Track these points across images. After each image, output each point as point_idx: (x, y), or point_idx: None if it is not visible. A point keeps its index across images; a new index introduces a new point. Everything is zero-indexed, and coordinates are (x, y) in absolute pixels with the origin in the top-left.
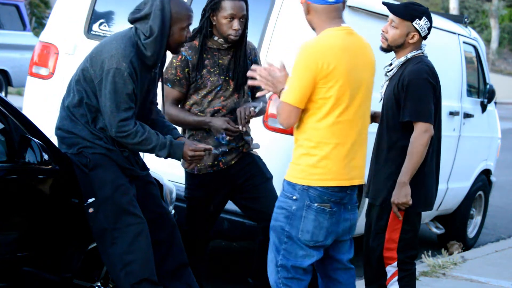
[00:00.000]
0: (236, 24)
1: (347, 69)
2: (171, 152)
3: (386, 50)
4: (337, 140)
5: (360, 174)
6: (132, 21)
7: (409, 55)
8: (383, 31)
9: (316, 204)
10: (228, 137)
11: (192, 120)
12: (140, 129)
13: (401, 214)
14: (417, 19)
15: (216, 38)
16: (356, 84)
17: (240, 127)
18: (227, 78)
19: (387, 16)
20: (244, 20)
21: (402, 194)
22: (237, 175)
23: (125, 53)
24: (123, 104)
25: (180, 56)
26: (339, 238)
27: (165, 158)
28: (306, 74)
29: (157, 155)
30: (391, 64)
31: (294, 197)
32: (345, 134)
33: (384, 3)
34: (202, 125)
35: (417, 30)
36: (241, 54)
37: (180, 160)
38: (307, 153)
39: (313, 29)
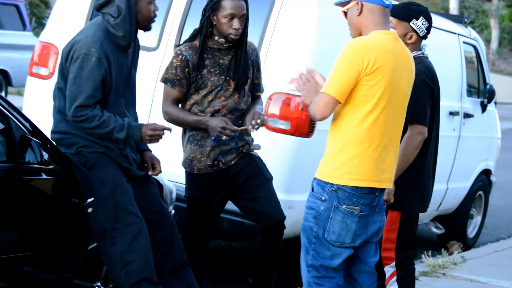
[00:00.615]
0: (236, 23)
1: (391, 71)
2: (129, 133)
3: None
4: (372, 140)
5: (389, 178)
6: (98, 8)
7: None
8: None
9: (344, 206)
10: (224, 136)
11: (191, 120)
12: (97, 113)
13: (394, 215)
14: (414, 19)
15: (216, 38)
16: (396, 88)
17: (250, 127)
18: (227, 78)
19: None
20: (244, 20)
21: (386, 191)
22: (237, 176)
23: (94, 38)
24: (86, 91)
25: (180, 56)
26: (368, 240)
27: (124, 140)
28: (352, 68)
29: (116, 138)
30: None
31: (323, 198)
32: (379, 135)
33: None
34: (200, 125)
35: (414, 30)
36: (242, 54)
37: (139, 141)
38: (340, 151)
39: (358, 34)
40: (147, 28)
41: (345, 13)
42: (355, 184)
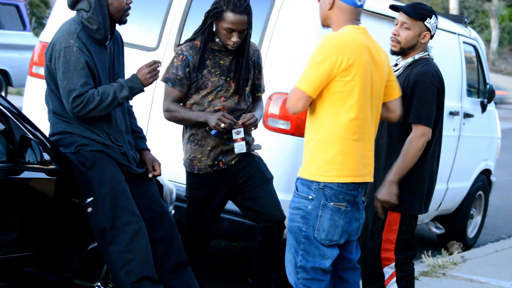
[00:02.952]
0: (235, 37)
1: (365, 66)
2: (130, 86)
3: (398, 53)
4: (353, 136)
5: (370, 172)
6: (71, 6)
7: (417, 57)
8: (394, 35)
9: (332, 203)
10: (223, 124)
11: (192, 115)
12: (93, 90)
13: (394, 216)
14: (428, 18)
15: (218, 40)
16: (372, 83)
17: (240, 122)
18: (228, 79)
19: (389, 16)
20: (245, 32)
21: (388, 192)
22: (237, 175)
23: (70, 31)
24: (78, 80)
25: (181, 56)
26: (350, 237)
27: (131, 96)
28: (325, 64)
29: (122, 99)
30: (396, 65)
31: (310, 197)
32: (359, 130)
33: (393, 6)
34: (200, 119)
35: (428, 29)
36: (243, 59)
37: (143, 91)
38: (323, 148)
39: (327, 25)
40: (121, 21)
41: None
42: (342, 180)
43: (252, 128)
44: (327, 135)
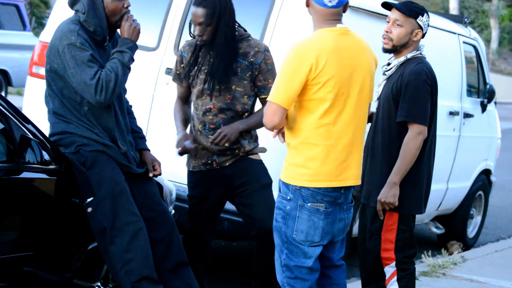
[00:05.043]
0: (196, 29)
1: (338, 70)
2: (128, 47)
3: (390, 51)
4: (327, 141)
5: (354, 175)
6: (70, 5)
7: (409, 55)
8: (386, 32)
9: (309, 204)
10: (177, 150)
11: (175, 123)
12: (103, 72)
13: (392, 216)
14: (420, 16)
15: None
16: (351, 85)
17: (208, 143)
18: None
19: (387, 16)
20: (207, 26)
21: (390, 194)
22: (232, 178)
23: (69, 29)
24: (90, 70)
25: (180, 52)
26: (334, 238)
27: (133, 56)
28: (295, 75)
29: (128, 62)
30: (389, 64)
31: (288, 197)
32: (339, 135)
33: (385, 3)
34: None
35: (420, 27)
36: (213, 55)
37: (134, 41)
38: (297, 153)
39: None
40: (117, 24)
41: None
42: (315, 185)
43: (226, 144)
44: (301, 140)
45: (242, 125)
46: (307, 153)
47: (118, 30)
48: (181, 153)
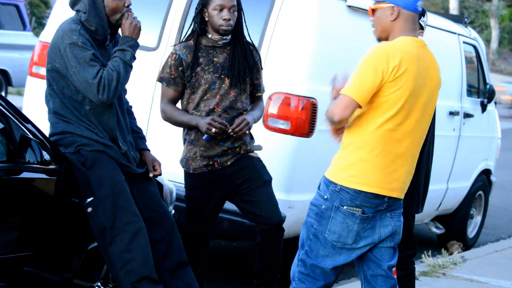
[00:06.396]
0: (225, 13)
1: (415, 78)
2: (129, 45)
3: None
4: (384, 147)
5: (400, 188)
6: (72, 5)
7: None
8: None
9: (345, 207)
10: (214, 129)
11: (184, 119)
12: (105, 71)
13: None
14: (422, 17)
15: (210, 35)
16: (419, 97)
17: (230, 130)
18: (222, 76)
19: None
20: (236, 12)
21: None
22: (234, 176)
23: (71, 28)
24: (92, 69)
25: (174, 55)
26: (378, 244)
27: (134, 54)
28: (376, 73)
29: (130, 60)
30: None
31: (325, 197)
32: (395, 143)
33: None
34: (191, 124)
35: (421, 27)
36: (238, 51)
37: (134, 37)
38: (350, 153)
39: (384, 37)
40: (118, 23)
41: (373, 11)
42: (358, 187)
43: (246, 132)
44: (358, 141)
45: (250, 117)
46: (361, 154)
47: (119, 30)
48: (214, 133)
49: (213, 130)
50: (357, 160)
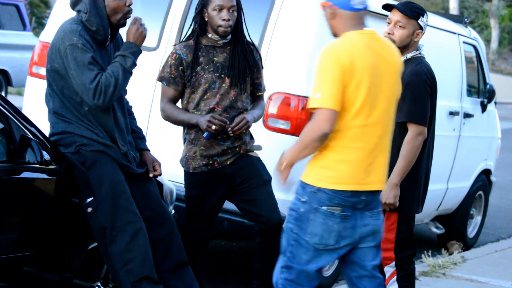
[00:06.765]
0: (225, 14)
1: (370, 70)
2: (131, 52)
3: None
4: (357, 143)
5: (378, 180)
6: (72, 6)
7: (409, 56)
8: (388, 34)
9: (324, 207)
10: (214, 126)
11: (184, 117)
12: (103, 76)
13: (391, 216)
14: (421, 17)
15: (210, 35)
16: (381, 87)
17: (230, 128)
18: (222, 75)
19: (387, 16)
20: (235, 12)
21: (391, 195)
22: (234, 176)
23: (71, 29)
24: (90, 73)
25: (175, 55)
26: (359, 244)
27: (135, 61)
28: (336, 74)
29: (130, 67)
30: None
31: (303, 199)
32: (366, 138)
33: (387, 5)
34: (191, 122)
35: (421, 28)
36: (238, 51)
37: (137, 44)
38: (324, 155)
39: (334, 34)
40: (120, 23)
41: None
42: (335, 187)
43: (243, 131)
44: (330, 143)
45: (250, 116)
46: (335, 155)
47: (120, 30)
48: (215, 130)
49: (213, 127)
50: (332, 161)
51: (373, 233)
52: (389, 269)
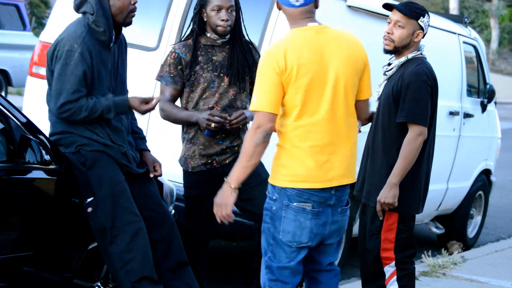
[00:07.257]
0: (223, 14)
1: (312, 67)
2: (118, 111)
3: (391, 52)
4: (305, 143)
5: (338, 175)
6: (76, 8)
7: (410, 56)
8: (388, 33)
9: (295, 204)
10: (213, 124)
11: (183, 115)
12: (83, 103)
13: (391, 215)
14: (421, 17)
15: (209, 34)
16: (325, 84)
17: (227, 121)
18: (221, 74)
19: (387, 16)
20: (234, 12)
21: (390, 195)
22: None
23: (76, 34)
24: (70, 86)
25: (173, 54)
26: (324, 241)
27: (114, 117)
28: (273, 77)
29: (107, 117)
30: (389, 64)
31: (274, 197)
32: (315, 136)
33: (386, 4)
34: (190, 119)
35: (421, 28)
36: (237, 50)
37: (130, 111)
38: (279, 154)
39: None
40: (125, 22)
41: None
42: (296, 186)
43: (240, 126)
44: (281, 142)
45: (249, 113)
46: (287, 154)
47: (123, 30)
48: (214, 127)
49: (213, 125)
50: (287, 161)
51: (339, 230)
52: (389, 269)
